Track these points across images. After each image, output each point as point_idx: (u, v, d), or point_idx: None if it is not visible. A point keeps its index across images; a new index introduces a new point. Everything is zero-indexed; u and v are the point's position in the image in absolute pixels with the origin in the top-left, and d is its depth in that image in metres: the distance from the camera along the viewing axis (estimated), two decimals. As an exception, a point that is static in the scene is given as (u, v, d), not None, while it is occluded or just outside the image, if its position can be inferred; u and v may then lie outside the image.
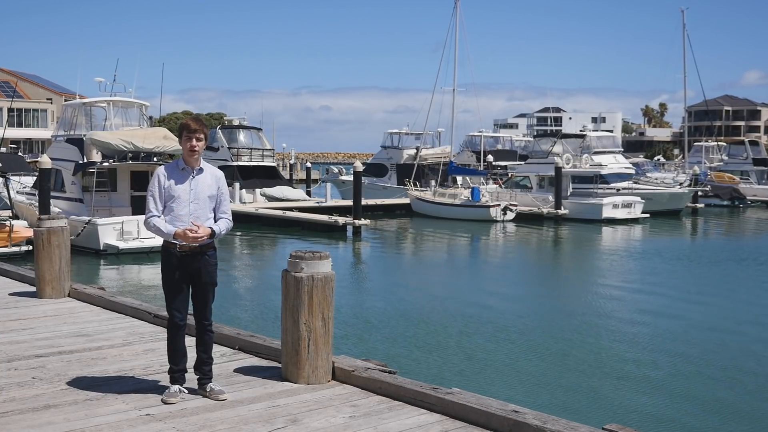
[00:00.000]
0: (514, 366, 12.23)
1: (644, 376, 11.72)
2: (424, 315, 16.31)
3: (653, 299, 18.59)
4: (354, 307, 16.95)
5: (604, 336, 14.44)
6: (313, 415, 5.31)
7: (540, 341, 13.94)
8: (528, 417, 4.86)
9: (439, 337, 14.19)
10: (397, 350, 13.08)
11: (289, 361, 6.04)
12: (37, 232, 9.66)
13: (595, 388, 11.09)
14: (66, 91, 69.93)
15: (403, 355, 12.64)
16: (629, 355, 13.00)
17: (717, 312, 16.99)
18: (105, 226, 23.60)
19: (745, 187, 53.43)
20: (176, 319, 5.73)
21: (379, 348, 13.07)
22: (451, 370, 11.82)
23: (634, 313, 16.72)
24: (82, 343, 7.35)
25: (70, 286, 9.77)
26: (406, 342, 13.75)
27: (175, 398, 5.60)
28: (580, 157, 41.73)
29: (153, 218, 5.67)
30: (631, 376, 11.75)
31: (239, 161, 41.05)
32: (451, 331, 14.67)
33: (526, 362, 12.48)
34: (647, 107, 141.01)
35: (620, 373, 11.86)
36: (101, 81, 27.54)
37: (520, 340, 13.94)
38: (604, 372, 11.95)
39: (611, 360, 12.68)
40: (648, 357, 12.94)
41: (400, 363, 10.89)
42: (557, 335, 14.46)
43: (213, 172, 5.82)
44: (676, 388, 11.17)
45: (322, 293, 5.95)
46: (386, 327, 14.93)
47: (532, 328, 15.00)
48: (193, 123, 5.72)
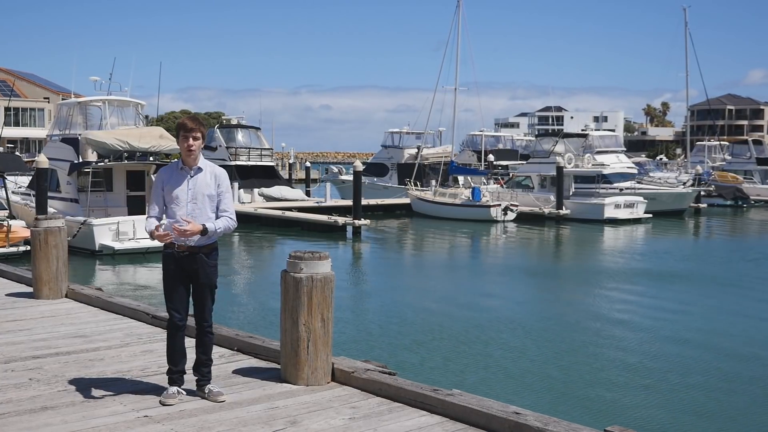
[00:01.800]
0: (515, 367, 12.17)
1: (646, 379, 11.63)
2: (425, 316, 16.27)
3: (656, 301, 18.45)
4: (354, 307, 16.91)
5: (606, 337, 14.39)
6: (313, 416, 5.29)
7: (541, 342, 13.89)
8: (529, 419, 4.83)
9: (439, 338, 14.15)
10: (397, 351, 13.03)
11: (288, 363, 6.01)
12: (34, 232, 9.61)
13: (597, 390, 11.03)
14: (63, 90, 69.80)
15: (403, 357, 12.60)
16: (631, 357, 12.93)
17: (722, 315, 16.79)
18: (100, 226, 23.49)
19: (748, 187, 52.93)
20: (175, 319, 5.72)
21: (379, 349, 13.02)
22: (451, 372, 11.77)
23: (636, 315, 16.63)
24: (79, 344, 7.31)
25: (67, 286, 9.72)
26: (407, 343, 13.71)
27: (174, 400, 5.57)
28: (582, 157, 41.58)
29: (147, 218, 5.71)
30: (634, 378, 11.68)
31: (237, 161, 40.96)
32: (451, 332, 14.62)
33: (528, 364, 12.42)
34: (649, 106, 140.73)
35: (622, 375, 11.79)
36: (97, 80, 27.38)
37: (521, 341, 13.89)
38: (606, 374, 11.89)
39: (613, 362, 12.62)
40: (650, 359, 12.86)
41: (400, 364, 10.85)
42: (558, 336, 14.41)
43: (213, 170, 5.77)
44: (679, 390, 11.10)
45: (321, 294, 5.92)
46: (386, 328, 14.89)
47: (533, 329, 14.95)
48: (189, 122, 5.68)
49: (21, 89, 73.13)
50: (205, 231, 5.58)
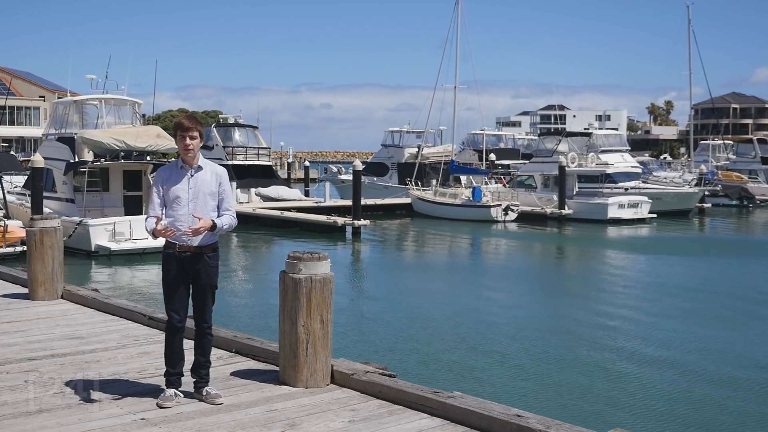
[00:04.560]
0: (517, 369, 12.09)
1: (650, 382, 11.52)
2: (425, 317, 16.21)
3: (659, 303, 18.26)
4: (353, 309, 16.85)
5: (609, 340, 14.29)
6: (312, 419, 5.26)
7: (543, 344, 13.82)
8: (531, 421, 4.80)
9: (440, 339, 14.08)
10: (398, 353, 12.97)
11: (287, 365, 5.97)
12: (30, 232, 9.54)
13: (600, 393, 10.95)
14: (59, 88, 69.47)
15: (403, 359, 12.53)
16: (634, 360, 12.82)
17: (730, 320, 16.45)
18: (97, 227, 23.32)
19: (753, 186, 52.29)
20: (174, 321, 5.69)
21: (379, 351, 12.95)
22: (452, 374, 11.70)
23: (640, 318, 16.45)
24: (75, 346, 7.27)
25: (63, 287, 9.65)
26: (407, 345, 13.64)
27: (171, 402, 5.54)
28: (586, 156, 41.27)
29: (147, 218, 5.66)
30: (637, 380, 11.58)
31: (234, 160, 40.73)
32: (452, 333, 14.56)
33: (529, 366, 12.34)
34: (653, 105, 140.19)
35: (625, 378, 11.70)
36: (93, 78, 27.21)
37: (522, 343, 13.82)
38: (608, 376, 11.80)
39: (616, 364, 12.51)
40: (654, 362, 12.75)
41: (400, 366, 10.77)
42: (560, 338, 14.34)
43: (213, 169, 5.77)
44: (682, 393, 11.00)
45: (320, 295, 5.89)
46: (386, 330, 14.82)
47: (534, 331, 14.88)
48: (186, 121, 5.65)
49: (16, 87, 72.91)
50: (215, 226, 5.59)
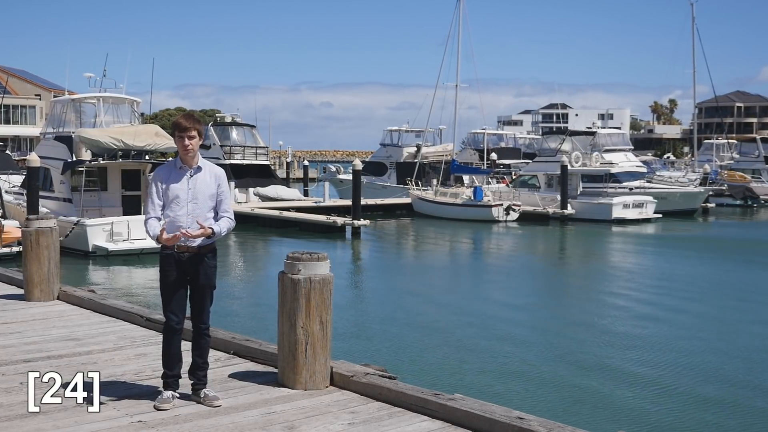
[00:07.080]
0: (518, 371, 12.02)
1: (653, 383, 11.46)
2: (426, 318, 16.16)
3: (662, 304, 18.11)
4: (353, 310, 16.79)
5: (611, 342, 14.20)
6: (311, 422, 5.23)
7: (544, 346, 13.77)
8: (533, 424, 4.77)
9: (440, 341, 14.02)
10: (398, 355, 12.92)
11: (285, 366, 5.94)
12: (25, 232, 9.48)
13: (603, 395, 10.89)
14: (55, 86, 69.48)
15: (403, 360, 12.48)
16: (638, 362, 12.74)
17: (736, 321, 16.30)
18: (94, 227, 23.24)
19: (756, 186, 52.02)
20: (172, 322, 5.66)
21: (379, 352, 12.90)
22: (453, 376, 11.64)
23: (642, 319, 16.38)
24: (71, 348, 7.22)
25: (59, 288, 9.60)
26: (407, 346, 13.58)
27: (168, 404, 5.51)
28: (590, 156, 41.14)
29: (148, 220, 5.62)
30: (640, 382, 11.50)
31: (232, 159, 40.63)
32: (453, 335, 14.51)
33: (531, 367, 12.27)
34: (656, 103, 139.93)
35: (628, 380, 11.63)
36: (91, 76, 27.07)
37: (524, 345, 13.76)
38: (611, 378, 11.73)
39: (619, 366, 12.44)
40: (657, 364, 12.66)
41: (400, 368, 10.74)
42: (562, 340, 14.28)
43: (213, 170, 5.74)
44: (685, 395, 10.94)
45: (320, 296, 5.85)
46: (386, 331, 14.77)
47: (536, 332, 14.84)
48: (184, 121, 5.61)
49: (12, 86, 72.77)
50: (213, 233, 5.59)
